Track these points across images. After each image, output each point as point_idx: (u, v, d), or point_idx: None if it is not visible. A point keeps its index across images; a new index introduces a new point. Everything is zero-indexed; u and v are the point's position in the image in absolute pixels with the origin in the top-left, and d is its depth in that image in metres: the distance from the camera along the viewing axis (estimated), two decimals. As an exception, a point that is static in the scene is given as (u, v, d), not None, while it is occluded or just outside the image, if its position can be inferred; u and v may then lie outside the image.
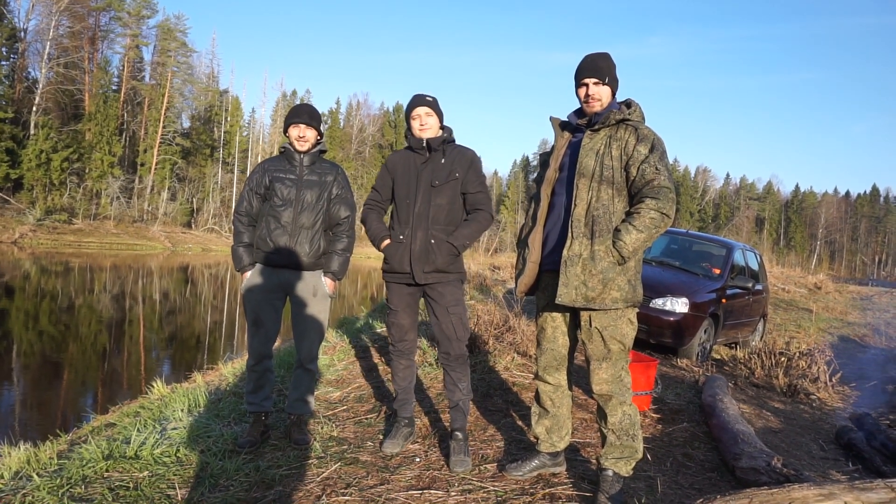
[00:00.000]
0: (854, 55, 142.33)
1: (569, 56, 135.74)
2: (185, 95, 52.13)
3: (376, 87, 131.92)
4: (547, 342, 2.91)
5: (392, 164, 3.30)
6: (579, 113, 2.89)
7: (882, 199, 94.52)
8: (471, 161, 3.21)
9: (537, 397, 3.03)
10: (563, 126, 2.93)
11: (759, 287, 8.42)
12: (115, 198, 40.38)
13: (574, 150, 2.80)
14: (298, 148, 3.37)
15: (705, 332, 6.90)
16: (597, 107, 2.76)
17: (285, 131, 3.42)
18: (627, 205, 2.69)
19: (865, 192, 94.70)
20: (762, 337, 8.96)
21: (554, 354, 2.90)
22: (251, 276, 3.33)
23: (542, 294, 2.93)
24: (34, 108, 38.30)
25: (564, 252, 2.67)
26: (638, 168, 2.62)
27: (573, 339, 2.92)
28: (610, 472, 2.72)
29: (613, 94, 2.82)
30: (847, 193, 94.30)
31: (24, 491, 2.63)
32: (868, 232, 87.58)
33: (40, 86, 39.10)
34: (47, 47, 39.81)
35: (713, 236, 9.41)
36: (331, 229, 3.44)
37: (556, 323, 2.88)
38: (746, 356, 6.77)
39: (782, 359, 6.42)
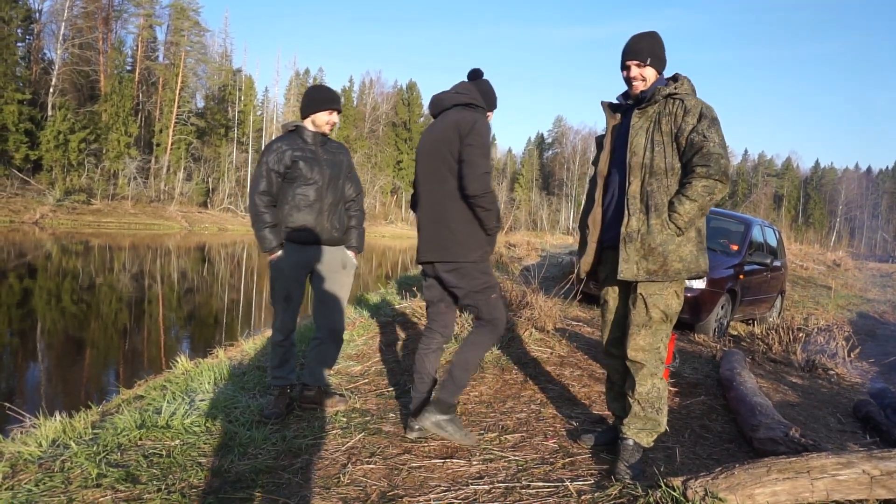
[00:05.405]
0: (876, 24, 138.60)
1: (583, 31, 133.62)
2: (199, 75, 52.14)
3: (389, 64, 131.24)
4: (610, 314, 3.00)
5: None
6: (627, 94, 2.94)
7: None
8: None
9: (608, 374, 3.12)
10: (613, 108, 2.99)
11: (777, 263, 8.38)
12: (132, 178, 40.71)
13: (625, 129, 2.85)
14: (326, 131, 3.45)
15: (722, 307, 6.90)
16: (641, 87, 2.83)
17: (311, 113, 3.41)
18: (681, 176, 2.73)
19: (888, 167, 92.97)
20: (780, 313, 8.93)
21: (618, 325, 2.97)
22: (281, 255, 3.38)
23: (602, 269, 3.02)
24: (51, 90, 38.57)
25: (622, 229, 2.74)
26: (687, 138, 2.66)
27: None
28: (631, 442, 2.78)
29: (660, 73, 2.85)
30: (868, 169, 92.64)
31: (63, 458, 2.74)
32: (890, 208, 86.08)
33: (56, 67, 39.32)
34: (62, 28, 39.95)
35: (732, 212, 9.34)
36: (344, 206, 3.54)
37: (617, 294, 2.97)
38: (764, 332, 6.76)
39: (800, 334, 6.42)
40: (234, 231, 41.76)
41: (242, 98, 54.45)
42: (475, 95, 3.08)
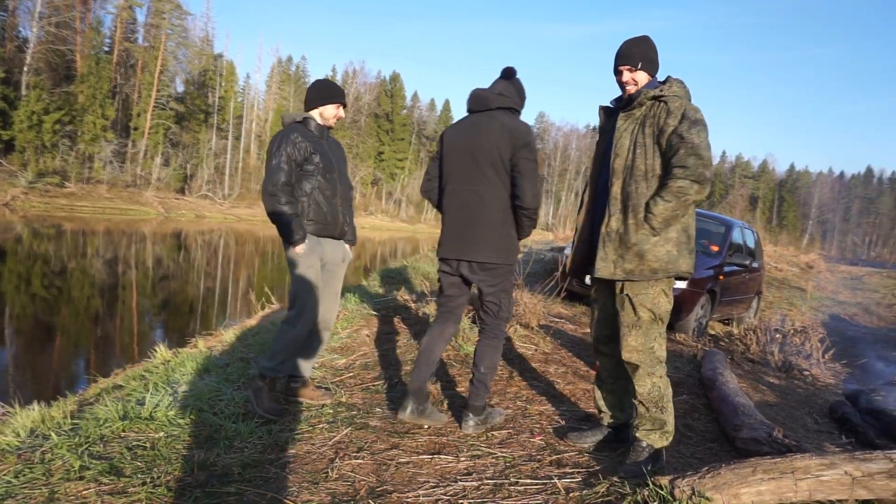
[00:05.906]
0: (856, 33, 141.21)
1: (570, 28, 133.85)
2: (179, 59, 51.07)
3: (373, 55, 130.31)
4: (599, 312, 3.04)
5: None
6: (621, 98, 2.98)
7: (875, 179, 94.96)
8: None
9: (598, 372, 3.15)
10: (607, 112, 3.03)
11: (755, 265, 8.52)
12: (108, 162, 39.85)
13: (613, 132, 2.89)
14: (332, 125, 3.47)
15: (702, 307, 6.99)
16: (633, 91, 2.86)
17: (319, 105, 3.41)
18: (662, 179, 2.75)
19: (859, 172, 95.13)
20: (756, 314, 9.09)
21: (607, 322, 2.99)
22: (306, 247, 3.30)
23: (593, 268, 3.03)
24: (25, 68, 37.54)
25: (602, 229, 2.80)
26: (667, 140, 2.69)
27: None
28: (643, 443, 2.82)
29: (652, 76, 2.88)
30: (841, 174, 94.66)
31: (44, 448, 2.68)
32: (860, 212, 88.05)
33: (31, 45, 38.25)
34: (38, 5, 38.83)
35: (713, 213, 9.47)
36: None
37: (606, 293, 2.98)
38: (742, 332, 6.88)
39: (777, 335, 6.53)
40: (212, 218, 41.21)
41: (223, 84, 53.63)
42: (516, 100, 3.12)
